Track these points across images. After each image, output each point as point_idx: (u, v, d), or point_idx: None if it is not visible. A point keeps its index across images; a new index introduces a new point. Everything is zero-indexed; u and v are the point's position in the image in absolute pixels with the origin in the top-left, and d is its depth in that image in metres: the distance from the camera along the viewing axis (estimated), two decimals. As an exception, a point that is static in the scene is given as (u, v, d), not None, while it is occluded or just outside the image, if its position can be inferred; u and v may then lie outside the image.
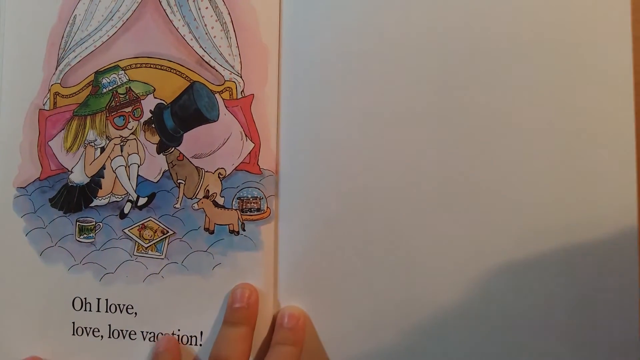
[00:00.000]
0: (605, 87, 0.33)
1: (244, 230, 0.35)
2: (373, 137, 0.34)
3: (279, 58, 0.36)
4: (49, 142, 0.38)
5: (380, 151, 0.34)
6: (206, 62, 0.36)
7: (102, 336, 0.36)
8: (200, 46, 0.36)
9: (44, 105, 0.38)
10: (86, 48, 0.37)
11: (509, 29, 0.34)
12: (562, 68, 0.33)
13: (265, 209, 0.35)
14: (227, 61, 0.36)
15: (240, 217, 0.35)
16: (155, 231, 0.36)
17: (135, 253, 0.36)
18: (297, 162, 0.35)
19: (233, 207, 0.35)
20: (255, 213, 0.35)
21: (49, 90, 0.38)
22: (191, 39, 0.36)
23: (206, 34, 0.36)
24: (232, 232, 0.35)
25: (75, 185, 0.37)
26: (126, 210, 0.37)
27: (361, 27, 0.35)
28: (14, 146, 0.38)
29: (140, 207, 0.37)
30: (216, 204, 0.36)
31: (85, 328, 0.36)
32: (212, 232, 0.36)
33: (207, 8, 0.36)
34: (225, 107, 0.36)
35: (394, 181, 0.34)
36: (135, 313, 0.36)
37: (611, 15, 0.33)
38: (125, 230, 0.37)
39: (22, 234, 0.37)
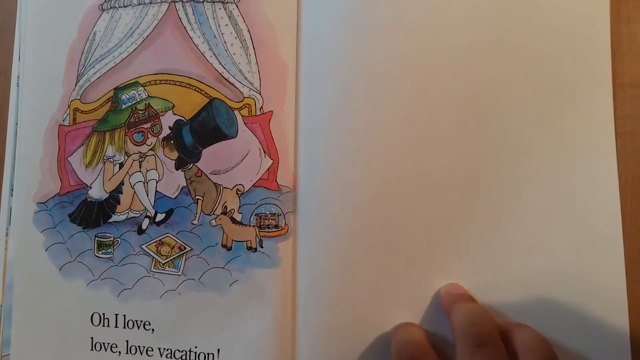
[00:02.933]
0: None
1: (261, 247, 0.35)
2: (392, 153, 0.34)
3: (297, 75, 0.36)
4: (68, 158, 0.38)
5: (399, 168, 0.34)
6: (225, 78, 0.36)
7: (119, 352, 0.36)
8: (220, 63, 0.36)
9: (63, 120, 0.38)
10: (106, 64, 0.38)
11: (535, 44, 0.34)
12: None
13: (283, 225, 0.35)
14: (246, 78, 0.36)
15: (258, 233, 0.35)
16: (173, 247, 0.36)
17: (152, 269, 0.36)
18: (316, 178, 0.35)
19: (251, 224, 0.35)
20: (273, 230, 0.35)
21: (69, 105, 0.38)
22: (211, 56, 0.36)
23: (225, 50, 0.36)
24: (249, 248, 0.35)
25: (94, 200, 0.37)
26: (144, 226, 0.37)
27: (379, 44, 0.35)
28: (34, 161, 0.38)
29: (158, 223, 0.37)
30: (234, 221, 0.36)
31: (104, 344, 0.36)
32: (229, 249, 0.36)
33: (227, 25, 0.36)
34: (244, 123, 0.36)
35: (414, 197, 0.34)
36: (152, 330, 0.36)
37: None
38: (143, 246, 0.37)
39: (42, 249, 0.37)
